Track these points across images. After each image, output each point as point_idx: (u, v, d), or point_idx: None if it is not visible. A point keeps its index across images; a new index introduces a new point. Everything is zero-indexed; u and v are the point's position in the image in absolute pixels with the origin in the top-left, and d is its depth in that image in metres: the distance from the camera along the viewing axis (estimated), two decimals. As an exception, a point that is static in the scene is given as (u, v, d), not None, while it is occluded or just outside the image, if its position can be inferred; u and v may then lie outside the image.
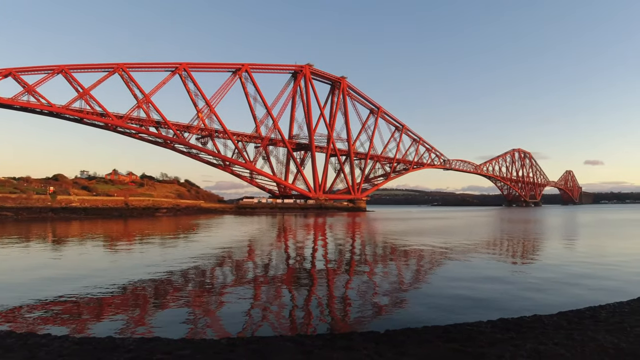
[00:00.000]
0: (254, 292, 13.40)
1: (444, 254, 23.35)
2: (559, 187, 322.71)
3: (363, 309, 11.21)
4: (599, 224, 57.87)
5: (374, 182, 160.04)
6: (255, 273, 17.41)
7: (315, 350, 6.88)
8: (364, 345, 7.23)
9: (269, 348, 7.05)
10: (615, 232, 43.22)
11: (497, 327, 8.15)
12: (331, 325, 9.73)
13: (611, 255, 22.86)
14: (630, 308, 9.63)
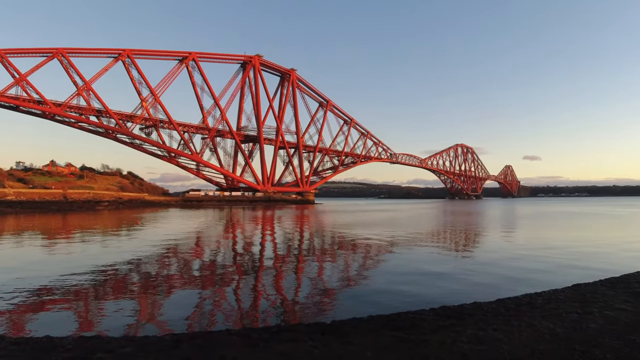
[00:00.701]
0: (200, 286, 13.17)
1: (390, 246, 23.84)
2: (499, 181, 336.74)
3: (311, 301, 11.28)
4: (536, 216, 60.85)
5: (323, 175, 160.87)
6: (202, 267, 17.11)
7: (261, 343, 6.87)
8: (311, 336, 7.29)
9: (215, 342, 6.98)
10: (551, 223, 45.60)
11: (439, 315, 8.43)
12: (278, 318, 9.73)
13: (547, 245, 24.11)
14: (565, 295, 10.20)
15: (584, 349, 6.24)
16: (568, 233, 33.68)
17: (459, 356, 6.05)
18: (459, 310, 8.77)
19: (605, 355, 5.99)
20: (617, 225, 42.86)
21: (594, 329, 7.25)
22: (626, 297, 9.78)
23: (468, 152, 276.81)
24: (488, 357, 5.99)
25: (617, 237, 30.07)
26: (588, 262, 18.00)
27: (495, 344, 6.53)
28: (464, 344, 6.55)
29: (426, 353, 6.23)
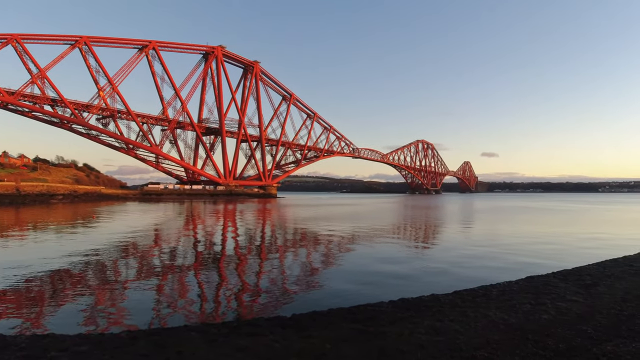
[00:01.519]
0: (158, 282, 12.87)
1: (351, 239, 24.02)
2: (457, 176, 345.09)
3: (272, 295, 11.21)
4: (493, 211, 62.70)
5: (285, 168, 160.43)
6: (161, 262, 16.73)
7: (220, 339, 6.77)
8: (271, 330, 7.24)
9: (172, 339, 6.83)
10: (506, 218, 47.06)
11: (398, 307, 8.53)
12: (238, 313, 9.63)
13: (502, 239, 24.85)
14: (518, 287, 10.51)
15: (536, 338, 6.42)
16: (522, 227, 34.80)
17: (416, 347, 6.12)
18: (417, 302, 8.90)
19: (557, 345, 6.17)
20: (569, 220, 44.64)
21: (547, 320, 7.49)
22: (577, 289, 10.15)
23: (428, 148, 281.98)
24: (444, 347, 6.08)
25: (568, 231, 31.25)
26: (541, 255, 18.62)
27: (451, 334, 6.65)
28: (421, 335, 6.65)
29: (384, 344, 6.28)
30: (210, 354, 6.06)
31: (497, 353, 5.82)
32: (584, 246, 21.82)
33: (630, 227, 35.16)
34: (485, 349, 5.96)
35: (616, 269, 13.29)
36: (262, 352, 6.11)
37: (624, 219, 45.99)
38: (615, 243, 23.25)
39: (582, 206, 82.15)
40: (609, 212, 60.18)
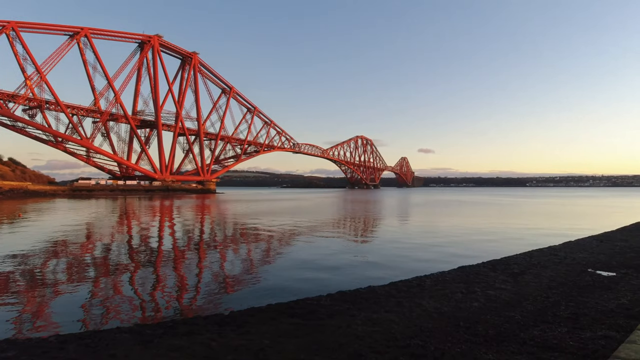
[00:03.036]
0: (90, 283, 12.26)
1: (292, 234, 24.01)
2: (395, 171, 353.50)
3: (210, 293, 11.01)
4: (428, 204, 64.91)
5: (225, 163, 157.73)
6: (93, 262, 15.93)
7: (155, 339, 6.55)
8: (207, 328, 7.10)
9: (104, 341, 6.54)
10: (440, 211, 48.81)
11: (336, 300, 8.62)
12: (175, 312, 9.37)
13: (437, 231, 25.74)
14: (451, 277, 10.91)
15: (468, 325, 6.68)
16: (455, 219, 36.23)
17: (353, 338, 6.20)
18: (355, 295, 9.03)
19: (487, 330, 6.44)
20: (499, 212, 46.96)
21: (477, 307, 7.81)
22: (505, 277, 10.67)
23: (367, 143, 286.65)
24: (381, 337, 6.19)
25: (498, 222, 32.86)
26: (473, 246, 19.44)
27: (387, 324, 6.79)
28: (358, 326, 6.74)
29: (323, 338, 6.31)
30: (144, 356, 5.86)
31: (430, 341, 5.99)
32: (512, 237, 22.98)
33: (555, 219, 37.44)
34: (420, 337, 6.13)
35: (542, 258, 14.08)
36: (198, 351, 5.97)
37: (550, 211, 48.93)
38: (541, 234, 24.68)
39: (511, 200, 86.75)
40: (535, 205, 63.89)
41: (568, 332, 6.40)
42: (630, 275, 11.06)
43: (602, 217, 40.16)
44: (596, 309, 7.68)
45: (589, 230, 25.21)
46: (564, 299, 8.47)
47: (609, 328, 6.48)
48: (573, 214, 45.17)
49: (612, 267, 12.24)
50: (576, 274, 11.33)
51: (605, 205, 63.50)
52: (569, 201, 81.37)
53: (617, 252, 15.55)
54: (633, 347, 4.91)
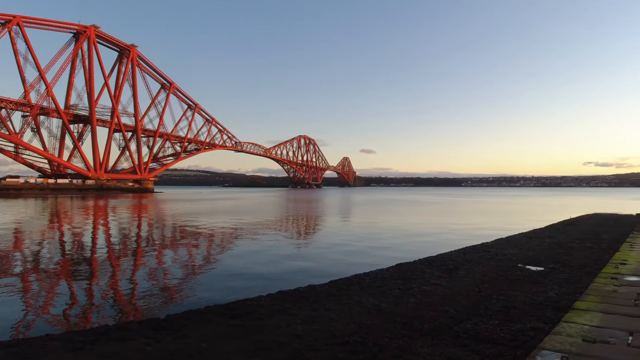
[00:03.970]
0: (19, 289, 11.47)
1: (233, 234, 23.70)
2: (337, 171, 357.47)
3: (146, 297, 10.63)
4: (369, 203, 66.09)
5: (163, 161, 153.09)
6: (22, 267, 14.91)
7: (86, 346, 6.20)
8: (142, 333, 6.80)
9: (33, 350, 6.12)
10: (381, 210, 49.80)
11: (276, 300, 8.52)
12: (109, 317, 8.96)
13: (377, 229, 26.21)
14: (389, 274, 11.09)
15: (405, 321, 6.78)
16: (394, 218, 37.09)
17: (293, 337, 6.14)
18: (295, 294, 8.97)
19: (423, 325, 6.57)
20: (435, 211, 48.52)
21: (414, 303, 7.97)
22: (440, 274, 10.97)
23: (310, 143, 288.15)
24: (320, 335, 6.17)
25: (434, 221, 33.92)
26: (410, 243, 19.95)
27: (327, 322, 6.79)
28: (298, 325, 6.69)
29: (262, 338, 6.21)
30: (74, 364, 5.52)
31: (369, 337, 6.03)
32: (448, 234, 23.79)
33: (488, 217, 39.15)
34: (358, 334, 6.15)
35: (475, 254, 14.61)
36: (132, 357, 5.70)
37: (483, 210, 51.10)
38: (475, 231, 25.69)
39: (447, 199, 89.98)
40: (470, 204, 66.59)
41: (499, 324, 6.64)
42: (557, 270, 11.67)
43: (531, 215, 42.40)
44: (525, 302, 8.02)
45: (519, 227, 26.46)
46: (495, 293, 8.80)
47: (538, 320, 6.77)
48: (504, 213, 47.45)
49: (541, 262, 12.87)
50: (507, 269, 11.83)
51: (534, 204, 67.22)
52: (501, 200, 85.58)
53: (545, 248, 16.39)
54: (558, 338, 5.16)
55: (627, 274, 9.44)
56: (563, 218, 33.31)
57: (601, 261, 11.98)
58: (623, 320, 5.90)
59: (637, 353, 4.67)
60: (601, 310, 6.41)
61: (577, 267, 11.92)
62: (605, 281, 8.58)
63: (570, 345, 4.93)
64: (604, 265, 10.96)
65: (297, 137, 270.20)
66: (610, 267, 10.46)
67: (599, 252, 14.70)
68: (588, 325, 5.68)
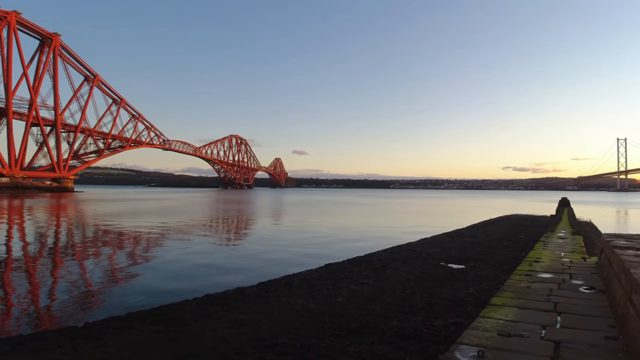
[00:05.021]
0: None
1: (160, 236, 22.97)
2: (269, 172, 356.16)
3: (64, 304, 10.02)
4: (300, 204, 66.52)
5: (85, 159, 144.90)
6: None
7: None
8: (59, 342, 6.39)
9: None
10: (312, 210, 50.22)
11: (203, 303, 8.32)
12: (24, 326, 8.38)
13: (308, 230, 26.37)
14: (318, 274, 11.18)
15: (333, 320, 6.85)
16: (324, 218, 37.51)
17: (220, 342, 6.02)
18: (223, 297, 8.81)
19: (350, 324, 6.66)
20: (365, 212, 49.63)
21: (341, 302, 8.08)
22: (368, 273, 11.21)
23: (242, 143, 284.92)
24: (248, 338, 6.10)
25: (363, 221, 34.66)
26: (340, 243, 20.26)
27: (255, 325, 6.72)
28: (225, 329, 6.57)
29: (187, 344, 6.04)
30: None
31: (297, 338, 6.03)
32: (376, 234, 24.39)
33: (414, 217, 40.56)
34: (286, 335, 6.14)
35: (401, 253, 15.08)
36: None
37: (409, 211, 52.86)
38: (401, 231, 26.51)
39: (376, 200, 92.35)
40: (397, 205, 68.70)
41: (422, 320, 6.88)
42: (477, 267, 12.29)
43: (454, 216, 44.43)
44: (448, 299, 8.37)
45: (442, 227, 27.61)
46: (419, 290, 9.11)
47: (459, 315, 7.08)
48: (430, 213, 49.39)
49: (462, 261, 13.49)
50: (431, 267, 12.30)
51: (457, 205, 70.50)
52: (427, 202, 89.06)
53: (466, 246, 17.22)
54: (475, 333, 5.40)
55: (540, 271, 10.08)
56: (483, 219, 35.15)
57: (517, 259, 12.73)
58: (536, 315, 6.28)
59: (548, 346, 4.97)
60: (516, 306, 6.78)
61: (496, 265, 12.63)
62: (520, 278, 9.10)
63: (487, 339, 5.18)
64: (520, 262, 11.64)
65: (228, 137, 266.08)
66: (525, 264, 11.11)
67: (515, 251, 15.66)
68: (503, 320, 5.99)
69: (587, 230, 24.54)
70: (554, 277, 9.20)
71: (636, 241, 8.28)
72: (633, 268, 5.18)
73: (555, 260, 11.78)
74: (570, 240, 17.32)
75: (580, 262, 11.55)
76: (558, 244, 16.16)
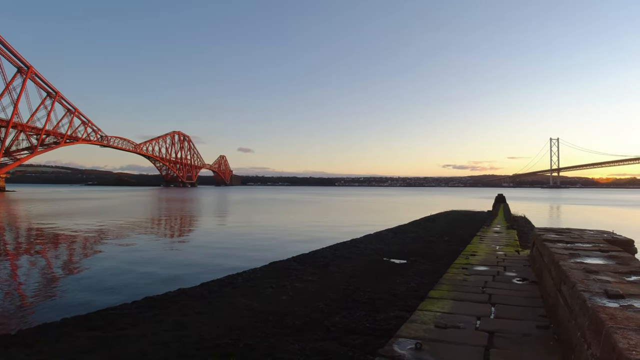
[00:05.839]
0: None
1: (97, 238, 22.05)
2: (213, 169, 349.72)
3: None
4: (245, 202, 65.81)
5: (17, 156, 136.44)
6: None
7: None
8: (-11, 352, 6.03)
9: None
10: (256, 209, 49.85)
11: (142, 307, 8.08)
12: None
13: (252, 228, 26.19)
14: (262, 273, 11.12)
15: (276, 319, 6.84)
16: (270, 217, 37.37)
17: (159, 346, 5.87)
18: (163, 299, 8.59)
19: (294, 322, 6.68)
20: (311, 209, 49.83)
21: (286, 300, 8.08)
22: (313, 270, 11.27)
23: (185, 140, 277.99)
24: (189, 341, 5.98)
25: (310, 219, 34.80)
26: (285, 241, 20.25)
27: (197, 327, 6.60)
28: (166, 332, 6.41)
29: (124, 349, 5.86)
30: None
31: (240, 338, 5.97)
32: (321, 232, 24.56)
33: (359, 214, 41.16)
34: (229, 336, 6.07)
35: (345, 250, 15.29)
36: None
37: (355, 208, 53.60)
38: (346, 228, 26.83)
39: (323, 198, 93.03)
40: (343, 202, 69.52)
41: (365, 315, 7.00)
42: (418, 262, 12.65)
43: (397, 212, 45.49)
44: (390, 293, 8.55)
45: (385, 224, 28.19)
46: (362, 286, 9.26)
47: (400, 309, 7.25)
48: (374, 210, 50.30)
49: (404, 255, 13.85)
50: (374, 263, 12.55)
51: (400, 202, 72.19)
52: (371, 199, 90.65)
53: (408, 242, 17.67)
54: (413, 326, 5.58)
55: (476, 264, 10.50)
56: (425, 215, 36.20)
57: (456, 253, 13.20)
58: (471, 307, 6.54)
59: (483, 336, 5.19)
60: (453, 298, 7.04)
61: (436, 259, 13.05)
62: (457, 271, 9.44)
63: (424, 331, 5.35)
64: (458, 256, 12.08)
65: (170, 133, 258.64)
66: (462, 258, 11.54)
67: (455, 245, 16.25)
68: (440, 312, 6.20)
69: (522, 224, 25.80)
70: (489, 270, 9.61)
71: (565, 235, 8.77)
72: (562, 260, 5.49)
73: (490, 254, 12.31)
74: (505, 235, 18.16)
75: (514, 255, 12.14)
76: (494, 238, 16.90)
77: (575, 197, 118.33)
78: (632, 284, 4.11)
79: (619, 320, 2.81)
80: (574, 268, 4.92)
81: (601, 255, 6.04)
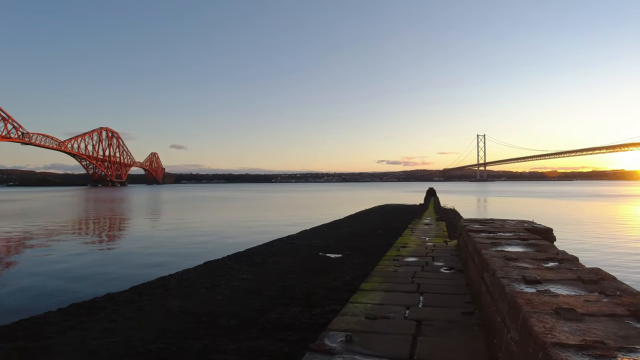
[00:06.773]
0: None
1: (19, 242, 20.84)
2: (144, 167, 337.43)
3: None
4: (178, 201, 64.29)
5: None
6: None
7: None
8: None
9: None
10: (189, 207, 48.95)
11: (69, 314, 7.69)
12: None
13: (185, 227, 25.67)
14: (196, 273, 10.90)
15: (210, 319, 6.75)
16: (204, 215, 36.76)
17: (87, 355, 5.63)
18: (91, 305, 8.21)
19: (229, 321, 6.62)
20: (246, 207, 49.48)
21: (220, 300, 7.99)
22: (248, 268, 11.21)
23: (114, 136, 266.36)
24: (119, 348, 5.78)
25: (245, 216, 34.56)
26: (220, 240, 20.04)
27: (127, 332, 6.38)
28: (94, 340, 6.15)
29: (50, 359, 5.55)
30: None
31: (172, 341, 5.85)
32: (257, 229, 24.52)
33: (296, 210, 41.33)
34: (161, 340, 5.93)
35: (281, 247, 15.32)
36: None
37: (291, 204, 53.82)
38: (283, 224, 26.89)
39: (259, 194, 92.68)
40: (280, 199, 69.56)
41: (301, 310, 7.06)
42: (353, 256, 12.89)
43: (333, 208, 46.09)
44: (325, 287, 8.68)
45: (322, 219, 28.50)
46: (299, 282, 9.33)
47: (336, 303, 7.37)
48: (310, 206, 50.72)
49: (340, 250, 14.07)
50: (310, 258, 12.66)
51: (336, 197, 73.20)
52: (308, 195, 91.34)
53: (343, 236, 17.97)
54: (344, 319, 5.74)
55: (407, 255, 10.88)
56: (360, 209, 36.90)
57: (389, 245, 13.59)
58: (401, 297, 6.78)
59: (411, 325, 5.41)
60: (383, 289, 7.27)
61: (370, 252, 13.35)
62: (388, 263, 9.75)
63: (355, 323, 5.51)
64: (390, 248, 12.45)
65: (97, 129, 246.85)
66: (394, 250, 11.93)
67: (388, 238, 16.69)
68: (371, 304, 6.39)
69: (451, 216, 26.96)
70: (418, 260, 10.00)
71: (489, 225, 9.28)
72: (484, 249, 5.81)
73: (420, 245, 12.81)
74: (435, 226, 18.92)
75: (443, 246, 12.69)
76: (424, 229, 17.58)
77: (500, 189, 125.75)
78: (549, 269, 4.41)
79: (536, 304, 3.00)
80: (495, 256, 5.22)
81: (521, 244, 6.45)
